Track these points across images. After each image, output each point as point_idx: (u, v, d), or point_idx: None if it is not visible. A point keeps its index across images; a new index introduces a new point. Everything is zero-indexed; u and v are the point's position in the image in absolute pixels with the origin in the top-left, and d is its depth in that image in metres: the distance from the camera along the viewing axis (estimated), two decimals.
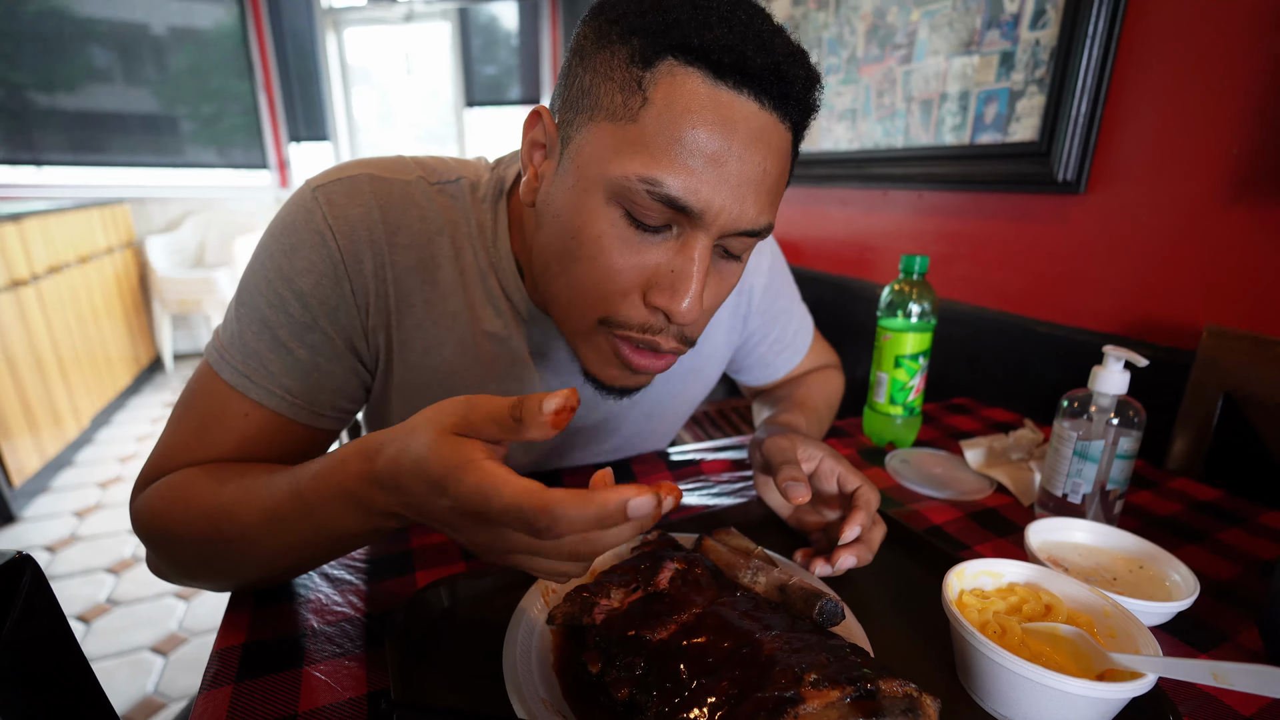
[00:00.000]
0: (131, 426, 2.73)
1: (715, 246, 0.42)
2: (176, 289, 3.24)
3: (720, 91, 0.37)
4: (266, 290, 0.46)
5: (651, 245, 0.41)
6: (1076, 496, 0.56)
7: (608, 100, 0.39)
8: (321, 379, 0.48)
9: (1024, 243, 1.01)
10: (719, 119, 0.37)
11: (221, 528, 0.40)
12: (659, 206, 0.38)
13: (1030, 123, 0.95)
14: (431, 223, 0.49)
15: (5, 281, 2.03)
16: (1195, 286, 0.81)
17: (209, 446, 0.46)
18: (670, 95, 0.37)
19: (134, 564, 1.78)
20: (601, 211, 0.40)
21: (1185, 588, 0.45)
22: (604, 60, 0.39)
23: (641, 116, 0.37)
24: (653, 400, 0.65)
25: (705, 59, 0.36)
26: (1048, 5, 0.91)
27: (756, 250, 0.66)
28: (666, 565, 0.43)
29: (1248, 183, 0.74)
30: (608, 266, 0.41)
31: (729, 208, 0.39)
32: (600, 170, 0.39)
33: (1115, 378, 0.54)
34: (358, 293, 0.47)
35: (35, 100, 3.37)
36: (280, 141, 3.86)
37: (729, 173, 0.38)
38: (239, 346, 0.46)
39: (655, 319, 0.42)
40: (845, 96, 1.31)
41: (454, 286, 0.51)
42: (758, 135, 0.38)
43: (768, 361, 0.74)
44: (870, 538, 0.49)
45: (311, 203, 0.46)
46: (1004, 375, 1.06)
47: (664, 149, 0.37)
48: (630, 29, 0.38)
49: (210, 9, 3.64)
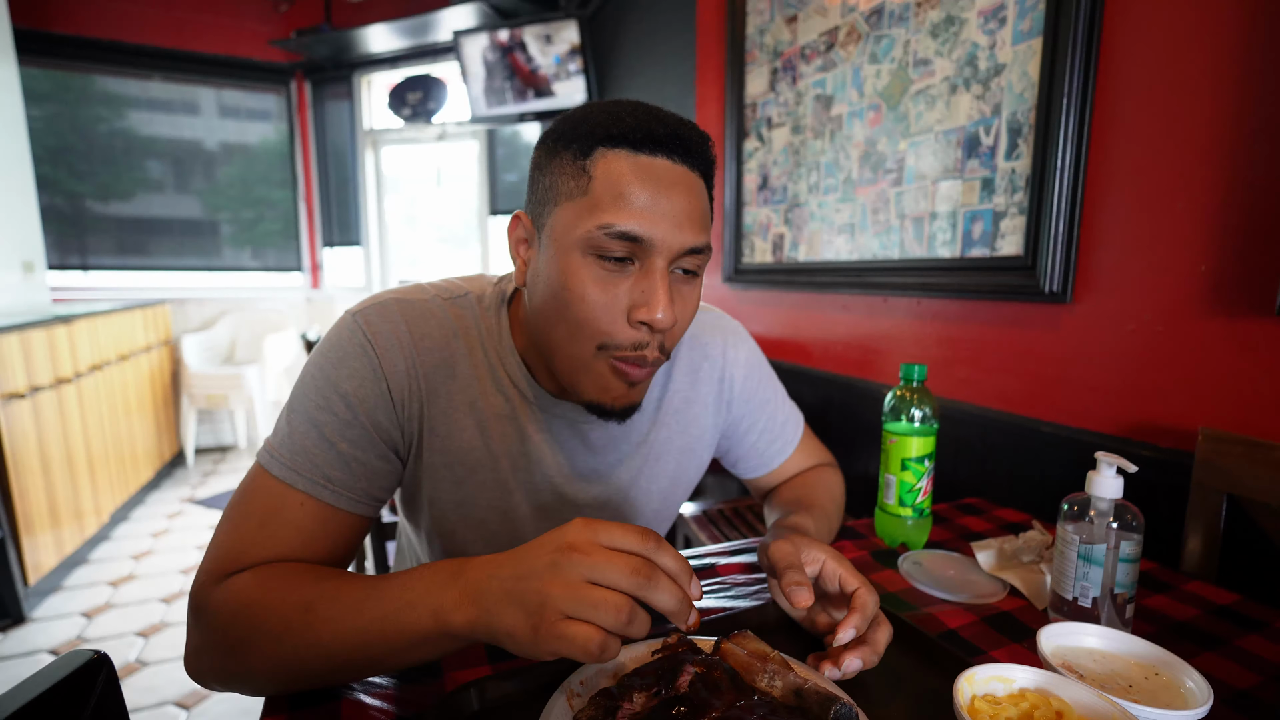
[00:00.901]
0: (148, 523, 2.74)
1: (672, 270, 0.54)
2: (205, 384, 3.36)
3: (640, 157, 0.51)
4: (316, 396, 0.55)
5: (622, 278, 0.52)
6: (1086, 600, 0.58)
7: (564, 188, 0.53)
8: (360, 469, 0.56)
9: (1019, 348, 1.07)
10: (644, 174, 0.51)
11: (311, 619, 0.45)
12: (619, 242, 0.51)
13: (1015, 239, 1.03)
14: (448, 329, 0.61)
15: (50, 380, 2.13)
16: (1185, 391, 0.85)
17: (272, 539, 0.51)
18: (606, 169, 0.51)
19: (138, 669, 1.74)
20: (579, 262, 0.52)
21: (1200, 696, 0.46)
22: (556, 165, 0.53)
23: (590, 189, 0.51)
24: (649, 478, 0.72)
25: (624, 140, 0.51)
26: (1019, 140, 1.02)
27: (734, 346, 0.76)
28: (686, 669, 0.44)
29: (1218, 297, 0.80)
30: (595, 300, 0.52)
31: (670, 234, 0.51)
32: (570, 236, 0.52)
33: (1109, 482, 0.57)
34: (394, 390, 0.57)
35: (90, 209, 3.66)
36: (315, 246, 4.13)
37: (662, 210, 0.51)
38: (288, 445, 0.54)
39: (641, 334, 0.53)
40: (844, 213, 1.42)
41: (469, 379, 0.61)
42: (677, 181, 0.52)
43: (760, 450, 0.79)
44: (874, 639, 0.51)
45: (353, 324, 0.57)
46: (1013, 475, 1.08)
47: (611, 203, 0.50)
48: (570, 139, 0.53)
49: (262, 127, 4.01)
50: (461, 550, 0.67)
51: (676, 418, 0.72)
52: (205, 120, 3.88)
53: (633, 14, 2.69)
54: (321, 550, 0.54)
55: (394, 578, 0.46)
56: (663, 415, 0.71)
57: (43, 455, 2.05)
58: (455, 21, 3.24)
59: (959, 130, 1.12)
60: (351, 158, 4.02)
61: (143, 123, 3.72)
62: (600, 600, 0.38)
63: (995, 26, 1.05)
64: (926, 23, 1.18)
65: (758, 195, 1.72)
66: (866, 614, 0.51)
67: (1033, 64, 0.99)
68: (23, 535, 1.92)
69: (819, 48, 1.46)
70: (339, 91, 3.99)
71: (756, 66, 1.68)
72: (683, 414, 0.72)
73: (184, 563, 2.38)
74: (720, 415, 0.76)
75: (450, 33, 3.28)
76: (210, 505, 2.95)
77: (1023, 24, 1.00)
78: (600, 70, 3.03)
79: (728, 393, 0.75)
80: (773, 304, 1.73)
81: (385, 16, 3.43)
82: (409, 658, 0.45)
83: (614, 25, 2.89)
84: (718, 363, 0.74)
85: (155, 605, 2.08)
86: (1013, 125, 1.03)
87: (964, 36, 1.10)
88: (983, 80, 1.07)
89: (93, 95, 3.61)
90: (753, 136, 1.72)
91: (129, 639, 1.87)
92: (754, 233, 1.75)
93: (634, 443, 0.69)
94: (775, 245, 1.66)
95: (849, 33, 1.37)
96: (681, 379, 0.72)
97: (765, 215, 1.70)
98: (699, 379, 0.73)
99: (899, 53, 1.24)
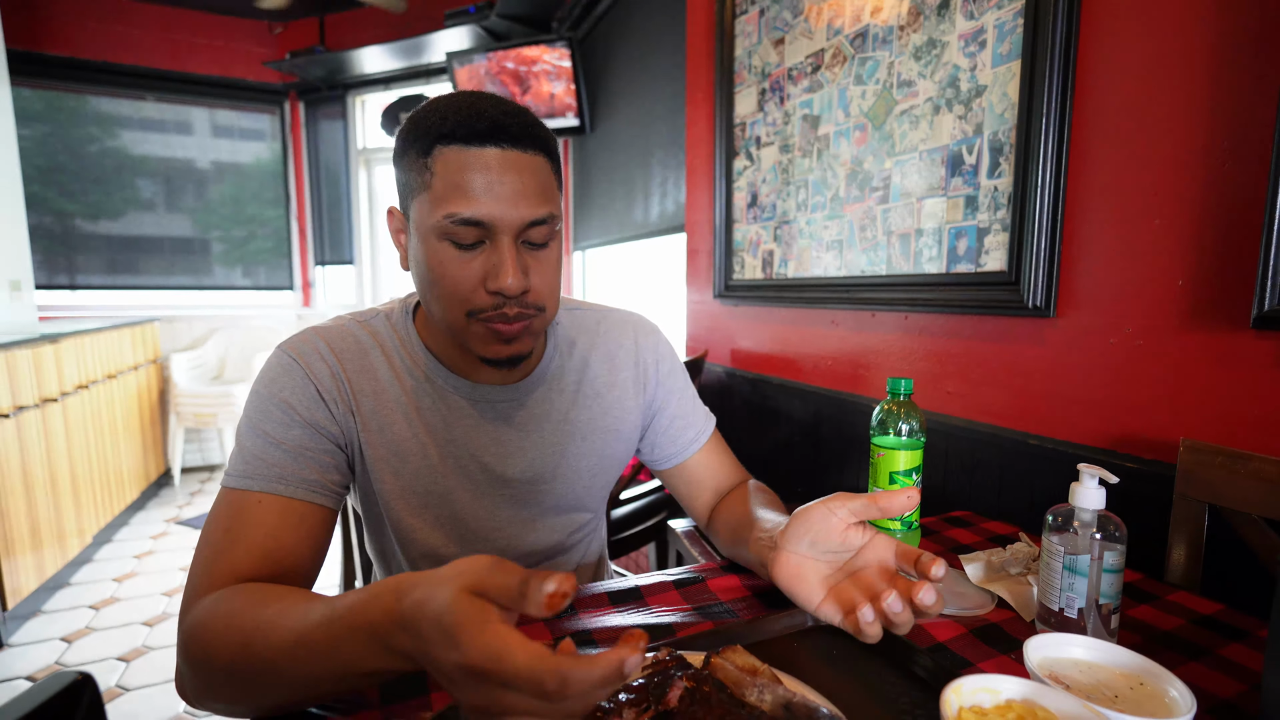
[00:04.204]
0: (133, 544, 2.70)
1: (521, 243, 0.61)
2: (194, 403, 3.33)
3: (469, 150, 0.58)
4: (256, 412, 0.62)
5: (475, 258, 0.60)
6: (1072, 611, 0.58)
7: (415, 183, 0.60)
8: (307, 461, 0.62)
9: (1005, 361, 1.08)
10: (475, 164, 0.58)
11: (255, 648, 0.44)
12: (465, 228, 0.58)
13: (999, 255, 1.05)
14: (364, 344, 0.70)
15: (36, 399, 2.10)
16: (1166, 403, 0.86)
17: (239, 542, 0.56)
18: (444, 164, 0.58)
19: (119, 694, 1.71)
20: (436, 246, 0.60)
21: (1183, 705, 0.46)
22: (406, 163, 0.61)
23: (433, 184, 0.59)
24: (576, 456, 0.77)
25: (453, 137, 0.58)
26: (1000, 159, 1.04)
27: (646, 335, 0.85)
28: (676, 683, 0.45)
29: (1195, 311, 0.82)
30: (453, 277, 0.60)
31: (507, 213, 0.58)
32: (426, 224, 0.60)
33: (1092, 494, 0.58)
34: (324, 393, 0.65)
35: (80, 227, 3.65)
36: (307, 264, 4.12)
37: (496, 194, 0.58)
38: (239, 459, 0.60)
39: (497, 299, 0.61)
40: (831, 229, 1.44)
41: (391, 382, 0.69)
42: (507, 165, 0.58)
43: (674, 437, 0.84)
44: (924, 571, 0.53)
45: (279, 353, 0.66)
46: (1001, 488, 1.08)
47: (451, 194, 0.58)
48: (413, 138, 0.60)
49: (255, 146, 4.03)
50: (417, 536, 0.73)
51: (598, 401, 0.79)
52: (198, 139, 3.89)
53: (623, 37, 2.74)
54: (288, 543, 0.57)
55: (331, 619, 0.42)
56: (583, 398, 0.78)
57: (25, 476, 2.02)
58: (448, 43, 3.29)
59: (943, 149, 1.15)
60: (344, 177, 4.04)
61: (135, 142, 3.73)
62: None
63: (975, 49, 1.08)
64: (909, 45, 1.21)
65: (747, 213, 1.74)
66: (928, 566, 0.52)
67: (1012, 85, 1.01)
68: (2, 558, 1.89)
69: (806, 69, 1.49)
70: (332, 111, 4.02)
71: (745, 87, 1.72)
72: (604, 397, 0.80)
73: (167, 585, 2.34)
74: (640, 397, 0.83)
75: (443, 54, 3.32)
76: (195, 525, 2.91)
77: (1002, 47, 1.03)
78: (591, 91, 3.08)
79: (643, 376, 0.83)
80: (763, 319, 1.74)
81: (379, 39, 3.47)
82: (372, 681, 0.43)
83: (605, 48, 2.94)
84: (631, 350, 0.83)
85: (137, 629, 2.04)
86: (994, 144, 1.05)
87: (945, 59, 1.13)
88: (964, 101, 1.10)
89: (85, 115, 3.62)
90: (742, 155, 1.75)
91: (110, 663, 1.83)
92: (744, 249, 1.77)
93: (556, 421, 0.76)
94: (765, 262, 1.68)
95: (834, 55, 1.40)
96: (599, 365, 0.80)
97: (755, 232, 1.72)
98: (616, 365, 0.81)
99: (883, 74, 1.27)
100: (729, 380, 1.88)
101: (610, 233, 2.95)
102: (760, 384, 1.74)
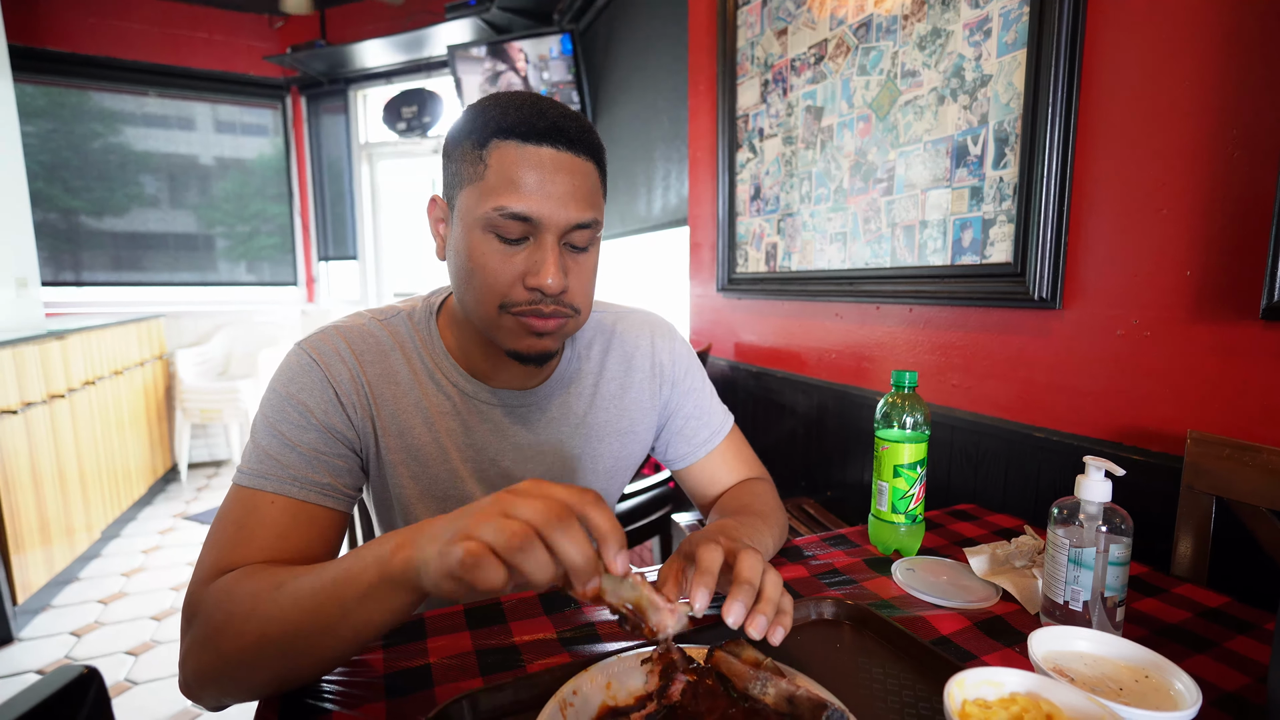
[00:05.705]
0: (140, 539, 2.72)
1: (563, 245, 0.61)
2: (200, 399, 3.34)
3: (526, 147, 0.58)
4: (273, 411, 0.62)
5: (518, 253, 0.60)
6: (1077, 604, 0.58)
7: (467, 174, 0.60)
8: (321, 465, 0.61)
9: (1011, 353, 1.08)
10: (530, 161, 0.58)
11: (271, 597, 0.48)
12: (512, 222, 0.58)
13: (1004, 247, 1.04)
14: (384, 344, 0.69)
15: (43, 396, 2.12)
16: (1173, 395, 0.85)
17: (249, 540, 0.56)
18: (499, 158, 0.58)
19: (128, 688, 1.72)
20: (480, 238, 0.60)
21: (1189, 698, 0.46)
22: (459, 154, 0.61)
23: (486, 175, 0.59)
24: (592, 457, 0.78)
25: (512, 132, 0.58)
26: (1006, 149, 1.03)
27: (663, 336, 0.84)
28: (678, 678, 0.44)
29: (1203, 302, 0.81)
30: (494, 269, 0.60)
31: (556, 212, 0.59)
32: (473, 215, 0.60)
33: (1098, 486, 0.57)
34: (342, 396, 0.64)
35: (85, 224, 3.66)
36: (311, 260, 4.13)
37: (548, 192, 0.58)
38: (254, 457, 0.60)
39: (534, 296, 0.61)
40: (835, 221, 1.43)
41: (410, 384, 0.69)
42: (560, 166, 0.59)
43: (688, 436, 0.84)
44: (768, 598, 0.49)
45: (299, 351, 0.65)
46: (1006, 480, 1.08)
47: (504, 188, 0.58)
48: (469, 131, 0.60)
49: (257, 142, 4.02)
50: None
51: (614, 403, 0.79)
52: (201, 135, 3.89)
53: (624, 29, 2.72)
54: (298, 545, 0.58)
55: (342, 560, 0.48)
56: (599, 400, 0.78)
57: (34, 472, 2.04)
58: (449, 36, 3.27)
59: (947, 140, 1.14)
60: (347, 171, 4.04)
61: (138, 138, 3.73)
62: (500, 525, 0.38)
63: (980, 39, 1.06)
64: (913, 35, 1.19)
65: (750, 205, 1.74)
66: (741, 585, 0.48)
67: (1018, 75, 1.00)
68: (12, 554, 1.90)
69: (809, 60, 1.48)
70: (334, 106, 4.01)
71: (748, 79, 1.70)
72: (620, 399, 0.80)
73: (175, 579, 2.36)
74: (656, 399, 0.82)
75: (444, 47, 3.31)
76: (203, 520, 2.93)
77: (1007, 36, 1.02)
78: (592, 84, 3.06)
79: (659, 377, 0.82)
80: (766, 313, 1.74)
81: (380, 32, 3.46)
82: (361, 615, 0.45)
83: (606, 40, 2.92)
84: (648, 351, 0.82)
85: (146, 623, 2.06)
86: (1000, 135, 1.04)
87: (950, 49, 1.12)
88: (969, 91, 1.09)
89: (88, 111, 3.62)
90: (745, 148, 1.74)
91: (118, 658, 1.85)
92: (747, 242, 1.76)
93: (573, 424, 0.76)
94: (768, 255, 1.68)
95: (838, 45, 1.39)
96: (615, 367, 0.80)
97: (758, 225, 1.71)
98: (632, 367, 0.81)
99: (887, 64, 1.26)
100: (732, 374, 1.88)
101: (613, 227, 2.94)
102: (764, 377, 1.73)
